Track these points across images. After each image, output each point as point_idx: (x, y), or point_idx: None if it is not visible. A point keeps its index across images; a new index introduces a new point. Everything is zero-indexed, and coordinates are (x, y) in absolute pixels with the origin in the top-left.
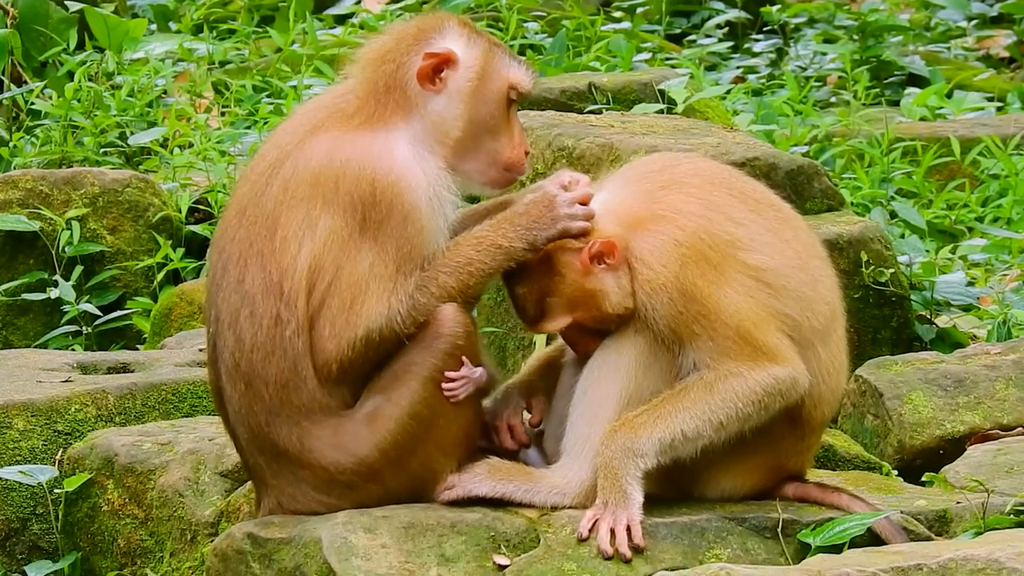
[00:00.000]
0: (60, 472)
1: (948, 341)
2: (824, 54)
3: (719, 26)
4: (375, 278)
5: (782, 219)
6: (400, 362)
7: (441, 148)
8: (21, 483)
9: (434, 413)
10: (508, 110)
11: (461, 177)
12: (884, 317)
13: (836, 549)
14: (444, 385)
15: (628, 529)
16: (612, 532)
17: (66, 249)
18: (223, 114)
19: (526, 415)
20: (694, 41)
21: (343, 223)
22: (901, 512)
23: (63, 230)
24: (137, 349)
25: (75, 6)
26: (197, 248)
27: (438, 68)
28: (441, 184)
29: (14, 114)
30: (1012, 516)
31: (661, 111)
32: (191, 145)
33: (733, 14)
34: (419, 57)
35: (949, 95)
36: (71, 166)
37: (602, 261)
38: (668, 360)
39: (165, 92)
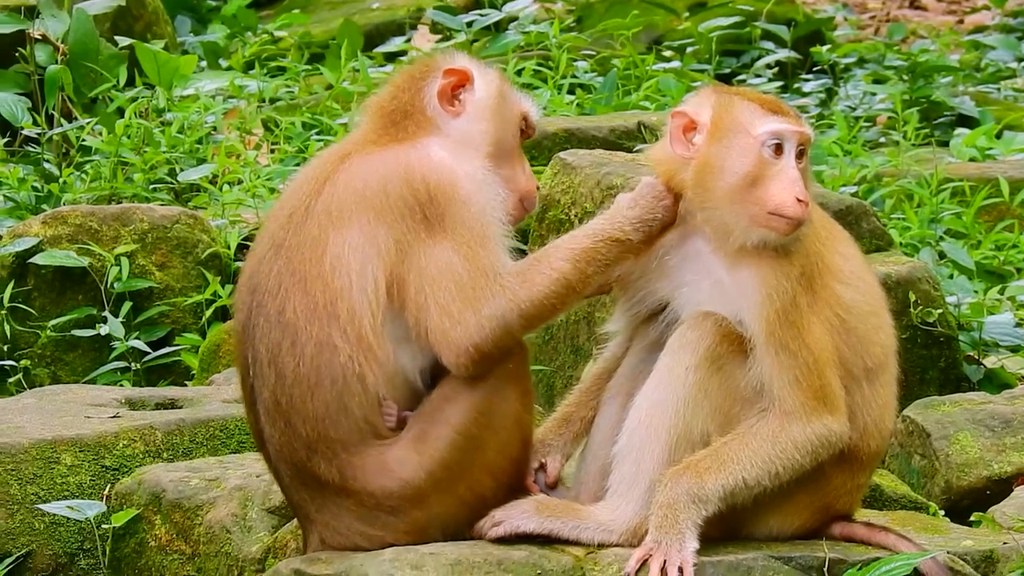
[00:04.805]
0: (108, 507)
1: (996, 382)
2: (874, 94)
3: (769, 66)
4: (464, 262)
5: (866, 266)
6: (449, 385)
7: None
8: (69, 518)
9: (485, 434)
10: (520, 140)
11: None
12: (932, 357)
13: None
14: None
15: (680, 571)
16: (663, 572)
17: (115, 285)
18: (273, 151)
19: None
20: (744, 81)
21: (405, 228)
22: (948, 552)
23: (112, 266)
24: (185, 385)
25: (125, 42)
26: None
27: (456, 88)
28: (487, 174)
29: (64, 150)
30: None
31: None
32: (240, 182)
33: (783, 54)
34: (437, 78)
35: (999, 136)
36: (120, 202)
37: None
38: (718, 397)
39: (215, 129)
